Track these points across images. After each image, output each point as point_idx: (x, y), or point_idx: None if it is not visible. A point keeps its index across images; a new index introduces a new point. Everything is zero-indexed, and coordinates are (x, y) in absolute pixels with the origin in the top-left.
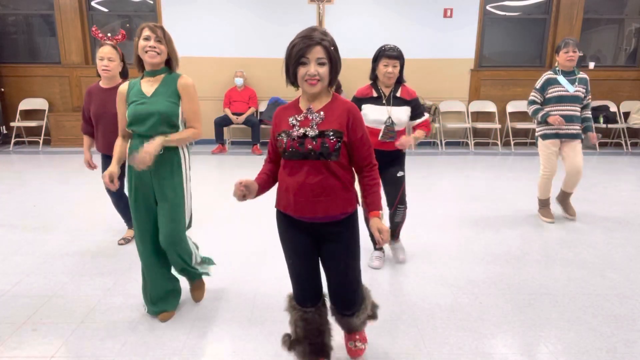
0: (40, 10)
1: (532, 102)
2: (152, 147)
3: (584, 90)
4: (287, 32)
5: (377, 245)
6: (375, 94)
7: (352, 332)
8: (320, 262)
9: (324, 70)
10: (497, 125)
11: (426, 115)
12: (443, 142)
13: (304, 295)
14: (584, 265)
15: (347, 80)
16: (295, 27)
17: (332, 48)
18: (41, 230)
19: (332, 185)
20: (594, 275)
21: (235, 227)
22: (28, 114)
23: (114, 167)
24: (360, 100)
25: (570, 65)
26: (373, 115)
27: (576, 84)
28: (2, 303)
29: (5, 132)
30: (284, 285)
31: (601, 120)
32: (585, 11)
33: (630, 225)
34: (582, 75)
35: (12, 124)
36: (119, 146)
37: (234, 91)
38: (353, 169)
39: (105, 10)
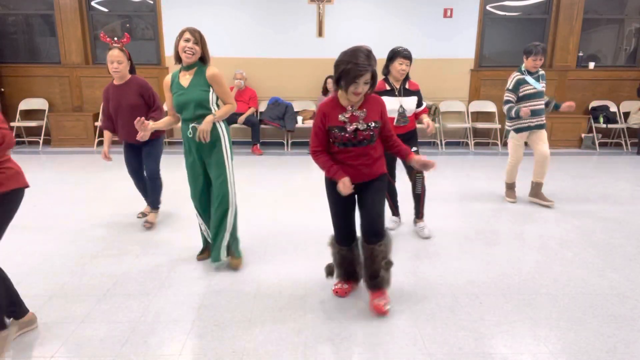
0: (40, 10)
1: (508, 102)
2: (205, 125)
3: (544, 85)
4: (287, 32)
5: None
6: (388, 87)
7: (376, 274)
8: (357, 209)
9: (367, 87)
10: (497, 125)
11: (424, 104)
12: (443, 142)
13: (340, 237)
14: (584, 265)
15: None
16: (295, 27)
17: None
18: (41, 230)
19: (373, 157)
20: (594, 275)
21: None
22: (28, 114)
23: (160, 124)
24: (377, 94)
25: (535, 69)
26: (388, 105)
27: (540, 80)
28: None
29: None
30: (284, 286)
31: (601, 120)
32: (585, 11)
33: (630, 225)
34: (542, 72)
35: (12, 124)
36: (165, 120)
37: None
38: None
39: (105, 10)
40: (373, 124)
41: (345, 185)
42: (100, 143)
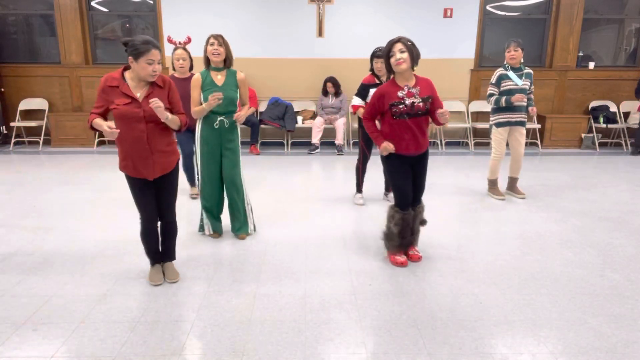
0: (40, 10)
1: (491, 95)
2: (244, 112)
3: (529, 83)
4: (287, 32)
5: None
6: (377, 81)
7: (416, 231)
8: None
9: (405, 55)
10: None
11: None
12: (443, 142)
13: (406, 202)
14: (584, 265)
15: (349, 79)
16: (295, 27)
17: (409, 43)
18: (41, 230)
19: (424, 129)
20: (594, 275)
21: None
22: (28, 114)
23: (203, 108)
24: (367, 86)
25: (513, 62)
26: None
27: (523, 78)
28: (2, 303)
29: (5, 132)
30: (284, 285)
31: (601, 120)
32: (585, 11)
33: (630, 225)
34: (527, 70)
35: (12, 124)
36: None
37: None
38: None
39: (105, 10)
40: (428, 98)
41: (387, 148)
42: (100, 143)
